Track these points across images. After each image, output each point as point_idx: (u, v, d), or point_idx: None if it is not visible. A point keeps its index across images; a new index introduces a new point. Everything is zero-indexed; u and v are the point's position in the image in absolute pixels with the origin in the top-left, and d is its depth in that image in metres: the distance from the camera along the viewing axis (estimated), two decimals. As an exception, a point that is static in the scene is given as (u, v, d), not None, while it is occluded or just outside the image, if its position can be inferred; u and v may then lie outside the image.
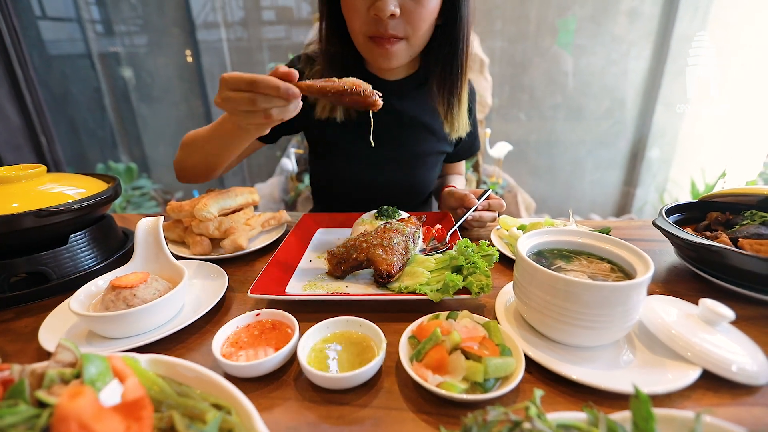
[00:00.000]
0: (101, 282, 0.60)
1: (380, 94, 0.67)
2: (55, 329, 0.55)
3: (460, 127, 1.04)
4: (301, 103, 0.66)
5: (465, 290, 0.60)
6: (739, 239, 0.63)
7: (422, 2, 0.81)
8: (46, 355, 0.51)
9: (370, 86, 0.66)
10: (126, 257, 0.74)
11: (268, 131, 0.71)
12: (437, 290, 0.60)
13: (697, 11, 3.12)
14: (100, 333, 0.54)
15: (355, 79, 0.66)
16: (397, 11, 0.80)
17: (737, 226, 0.68)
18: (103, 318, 0.51)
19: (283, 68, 0.62)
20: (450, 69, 0.95)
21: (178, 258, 0.74)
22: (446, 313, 0.53)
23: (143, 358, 0.37)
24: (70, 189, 0.73)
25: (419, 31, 0.85)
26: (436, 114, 1.03)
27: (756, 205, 0.72)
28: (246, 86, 0.60)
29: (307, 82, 0.64)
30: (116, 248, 0.80)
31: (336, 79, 0.65)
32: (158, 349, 0.53)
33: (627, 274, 0.51)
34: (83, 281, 0.59)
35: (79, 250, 0.71)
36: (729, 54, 3.14)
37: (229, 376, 0.47)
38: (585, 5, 3.23)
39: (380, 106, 0.67)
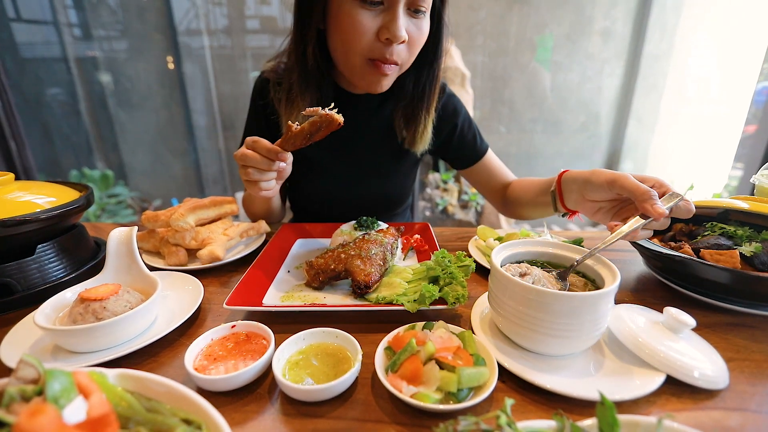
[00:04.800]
0: (69, 294, 0.58)
1: (331, 106, 0.67)
2: (18, 344, 0.53)
3: (416, 142, 1.01)
4: (290, 169, 0.76)
5: (441, 300, 0.60)
6: (701, 249, 0.67)
7: (422, 28, 0.81)
8: (6, 372, 0.49)
9: (320, 110, 0.66)
10: (97, 268, 0.71)
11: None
12: (414, 301, 0.60)
13: (664, 33, 3.30)
14: (67, 347, 0.52)
15: (305, 124, 0.67)
16: (407, 37, 0.79)
17: (699, 237, 0.71)
18: (69, 332, 0.50)
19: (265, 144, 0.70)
20: (418, 84, 0.96)
21: (153, 269, 0.73)
22: (422, 323, 0.54)
23: (111, 373, 0.36)
24: (39, 198, 0.70)
25: (414, 57, 0.86)
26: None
27: (716, 216, 0.75)
28: (240, 160, 0.71)
29: (282, 144, 0.69)
30: (87, 259, 0.77)
31: (293, 127, 0.67)
32: (129, 364, 0.52)
33: (596, 284, 0.53)
34: (51, 293, 0.57)
35: (47, 261, 0.69)
36: (693, 72, 3.33)
37: (202, 391, 0.46)
38: (562, 24, 3.36)
39: (343, 120, 0.66)
